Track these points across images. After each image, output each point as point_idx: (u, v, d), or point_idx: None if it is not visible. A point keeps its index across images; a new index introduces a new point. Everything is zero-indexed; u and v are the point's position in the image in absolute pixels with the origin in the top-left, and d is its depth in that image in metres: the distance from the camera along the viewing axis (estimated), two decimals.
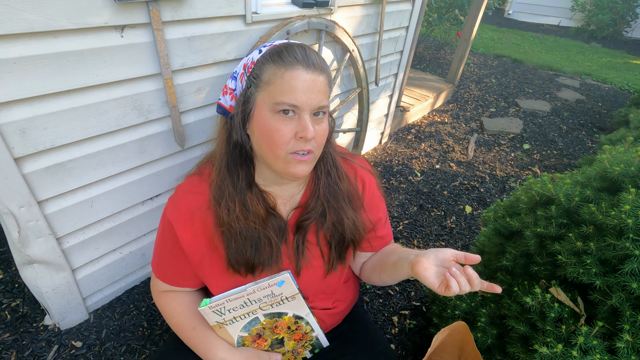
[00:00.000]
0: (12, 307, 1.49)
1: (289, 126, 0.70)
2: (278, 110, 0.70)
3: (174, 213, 0.83)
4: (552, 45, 6.85)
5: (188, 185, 0.85)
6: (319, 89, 0.70)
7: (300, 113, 0.70)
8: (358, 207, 0.89)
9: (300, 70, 0.69)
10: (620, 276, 0.88)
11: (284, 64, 0.69)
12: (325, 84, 0.72)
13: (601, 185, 1.08)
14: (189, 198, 0.83)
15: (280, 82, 0.69)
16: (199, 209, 0.82)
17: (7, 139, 1.01)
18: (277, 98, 0.69)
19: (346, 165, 0.91)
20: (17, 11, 0.89)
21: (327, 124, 0.76)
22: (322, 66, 0.72)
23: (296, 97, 0.68)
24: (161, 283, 0.92)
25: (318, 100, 0.70)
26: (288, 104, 0.69)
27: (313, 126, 0.71)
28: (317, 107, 0.71)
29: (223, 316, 0.79)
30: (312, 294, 0.91)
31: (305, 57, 0.70)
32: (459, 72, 3.98)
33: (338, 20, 1.85)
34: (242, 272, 0.82)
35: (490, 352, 1.14)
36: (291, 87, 0.68)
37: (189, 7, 1.21)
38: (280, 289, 0.77)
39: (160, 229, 0.88)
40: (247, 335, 0.85)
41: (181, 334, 0.89)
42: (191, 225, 0.82)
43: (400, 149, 2.99)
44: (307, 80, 0.69)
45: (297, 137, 0.71)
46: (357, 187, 0.90)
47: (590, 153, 3.20)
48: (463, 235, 2.17)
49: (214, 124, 1.52)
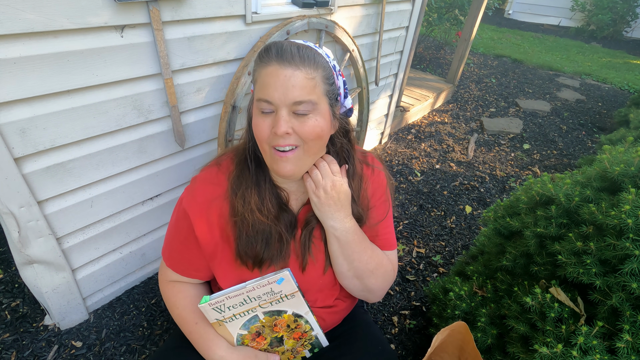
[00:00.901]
0: (12, 307, 1.49)
1: (267, 121, 0.72)
2: (259, 107, 0.72)
3: (191, 202, 0.83)
4: (552, 45, 6.85)
5: (206, 176, 0.86)
6: (295, 83, 0.69)
7: (276, 109, 0.71)
8: (364, 207, 0.90)
9: (274, 66, 0.69)
10: (620, 276, 0.88)
11: (261, 62, 0.71)
12: (305, 78, 0.69)
13: (601, 185, 1.08)
14: (207, 189, 0.84)
15: (260, 80, 0.71)
16: (215, 200, 0.83)
17: (7, 139, 1.01)
18: (257, 95, 0.72)
19: (358, 164, 0.91)
20: (17, 11, 0.89)
21: (316, 120, 0.72)
22: (303, 60, 0.70)
23: (268, 93, 0.69)
24: (170, 272, 0.92)
25: (294, 95, 0.69)
26: (264, 100, 0.71)
27: (293, 122, 0.71)
28: (293, 101, 0.69)
29: (223, 313, 0.79)
30: (315, 290, 0.91)
31: (280, 53, 0.70)
32: (459, 72, 3.98)
33: (338, 20, 1.85)
34: (250, 264, 0.83)
35: (490, 352, 1.14)
36: (265, 84, 0.70)
37: (189, 7, 1.21)
38: (280, 286, 0.77)
39: (175, 218, 0.89)
40: (246, 334, 0.85)
41: (183, 327, 0.90)
42: (207, 216, 0.83)
43: (400, 149, 2.99)
44: (280, 76, 0.68)
45: (272, 132, 0.72)
46: (367, 187, 0.91)
47: (590, 153, 3.20)
48: (463, 235, 2.17)
49: (214, 124, 1.53)
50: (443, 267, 1.93)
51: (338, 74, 0.79)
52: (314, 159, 0.79)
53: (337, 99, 0.79)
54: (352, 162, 0.88)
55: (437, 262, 1.96)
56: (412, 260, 1.96)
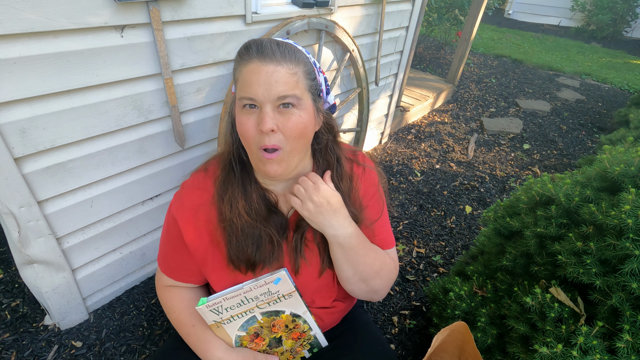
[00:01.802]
0: (12, 307, 1.49)
1: (252, 119, 0.71)
2: (242, 105, 0.72)
3: (178, 209, 0.84)
4: (552, 45, 6.85)
5: (193, 181, 0.86)
6: (278, 79, 0.69)
7: (260, 106, 0.70)
8: (357, 207, 0.89)
9: (255, 63, 0.69)
10: (620, 276, 0.88)
11: (242, 60, 0.71)
12: (287, 73, 0.69)
13: (601, 185, 1.08)
14: (193, 194, 0.84)
15: (241, 78, 0.71)
16: (203, 205, 0.83)
17: (7, 139, 1.01)
18: (239, 93, 0.72)
19: (348, 163, 0.90)
20: (17, 11, 0.89)
21: (300, 116, 0.72)
22: (284, 56, 0.70)
23: (251, 89, 0.69)
24: (165, 277, 0.93)
25: (278, 91, 0.69)
26: (247, 98, 0.70)
27: (277, 118, 0.71)
28: (276, 97, 0.69)
29: (220, 315, 0.79)
30: (311, 292, 0.91)
31: (260, 50, 0.70)
32: (459, 72, 3.98)
33: (338, 20, 1.85)
34: (243, 269, 0.82)
35: (490, 352, 1.14)
36: (247, 81, 0.69)
37: (189, 7, 1.21)
38: (277, 286, 0.77)
39: (166, 224, 0.89)
40: (244, 335, 0.85)
41: (180, 330, 0.90)
42: (195, 221, 0.83)
43: (400, 149, 2.99)
44: (262, 72, 0.68)
45: (258, 129, 0.71)
46: (358, 187, 0.90)
47: (590, 153, 3.20)
48: (463, 235, 2.17)
49: (214, 124, 1.53)
50: (443, 267, 1.93)
51: (319, 70, 0.79)
52: (299, 157, 0.78)
53: (319, 95, 0.79)
54: (340, 161, 0.86)
55: (437, 262, 1.96)
56: (412, 260, 1.96)
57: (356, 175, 0.90)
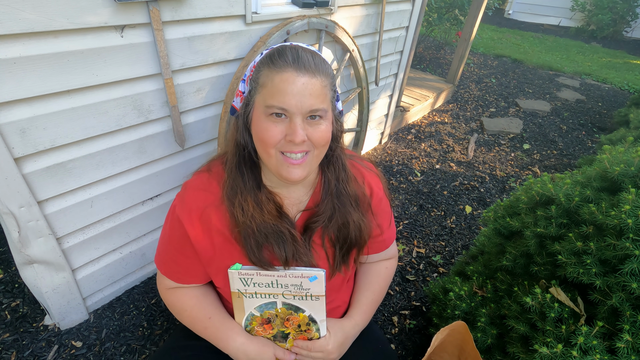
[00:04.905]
0: (12, 307, 1.49)
1: (279, 127, 0.70)
2: (270, 113, 0.70)
3: (183, 211, 0.82)
4: (552, 45, 6.85)
5: (197, 182, 0.85)
6: (312, 91, 0.69)
7: (291, 116, 0.69)
8: (365, 211, 0.89)
9: (290, 72, 0.68)
10: (620, 276, 0.88)
11: (274, 67, 0.69)
12: (320, 86, 0.70)
13: (601, 185, 1.08)
14: (199, 196, 0.83)
15: (272, 85, 0.69)
16: (208, 207, 0.82)
17: (7, 139, 1.01)
18: (268, 101, 0.69)
19: (354, 168, 0.90)
20: (17, 11, 0.89)
21: (326, 126, 0.74)
22: (318, 68, 0.70)
23: (285, 100, 0.68)
24: (168, 280, 0.92)
25: (310, 103, 0.69)
26: (277, 107, 0.69)
27: (307, 129, 0.71)
28: (308, 110, 0.69)
29: (246, 287, 0.79)
30: None
31: (297, 60, 0.69)
32: (459, 72, 3.98)
33: (338, 20, 1.85)
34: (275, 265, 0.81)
35: (490, 352, 1.14)
36: (280, 91, 0.68)
37: (189, 7, 1.21)
38: (311, 284, 0.77)
39: (168, 226, 0.87)
40: (257, 316, 0.85)
41: (196, 326, 0.89)
42: (201, 223, 0.82)
43: (400, 149, 2.99)
44: (297, 83, 0.68)
45: (287, 139, 0.71)
46: (364, 191, 0.90)
47: (590, 153, 3.20)
48: (463, 235, 2.17)
49: (214, 124, 1.52)
50: (443, 267, 1.93)
51: None
52: (318, 162, 0.79)
53: (335, 104, 0.80)
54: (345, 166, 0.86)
55: (437, 262, 1.96)
56: (412, 260, 1.96)
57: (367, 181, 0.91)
